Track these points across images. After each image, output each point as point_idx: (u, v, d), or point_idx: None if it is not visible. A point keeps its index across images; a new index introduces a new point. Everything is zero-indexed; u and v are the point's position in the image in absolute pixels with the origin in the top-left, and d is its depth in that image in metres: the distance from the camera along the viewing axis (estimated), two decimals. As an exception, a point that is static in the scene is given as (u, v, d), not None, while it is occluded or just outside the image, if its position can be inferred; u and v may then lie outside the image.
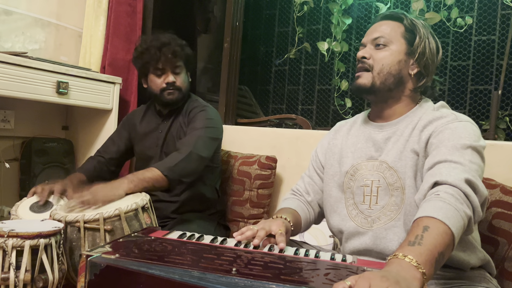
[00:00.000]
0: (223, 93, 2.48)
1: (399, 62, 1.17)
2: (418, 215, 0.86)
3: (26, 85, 1.82)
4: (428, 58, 1.18)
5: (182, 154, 1.57)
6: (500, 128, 2.15)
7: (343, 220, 1.21)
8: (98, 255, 0.82)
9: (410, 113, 1.19)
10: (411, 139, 1.12)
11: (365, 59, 1.19)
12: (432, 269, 0.75)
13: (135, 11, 2.46)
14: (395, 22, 1.21)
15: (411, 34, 1.18)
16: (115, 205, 1.26)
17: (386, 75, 1.17)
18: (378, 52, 1.19)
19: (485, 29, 2.26)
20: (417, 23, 1.19)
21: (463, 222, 0.86)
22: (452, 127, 1.06)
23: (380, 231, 1.13)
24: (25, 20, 2.22)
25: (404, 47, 1.18)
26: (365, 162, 1.20)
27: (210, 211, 1.85)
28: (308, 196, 1.33)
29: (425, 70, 1.18)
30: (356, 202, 1.19)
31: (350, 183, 1.21)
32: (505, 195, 1.35)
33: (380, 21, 1.23)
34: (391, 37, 1.19)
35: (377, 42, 1.19)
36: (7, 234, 1.00)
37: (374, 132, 1.22)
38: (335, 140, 1.32)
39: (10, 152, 2.19)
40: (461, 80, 2.35)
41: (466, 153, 0.99)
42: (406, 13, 1.22)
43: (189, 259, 0.85)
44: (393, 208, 1.12)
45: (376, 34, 1.20)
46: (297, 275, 0.81)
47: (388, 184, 1.13)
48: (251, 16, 3.04)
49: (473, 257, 1.10)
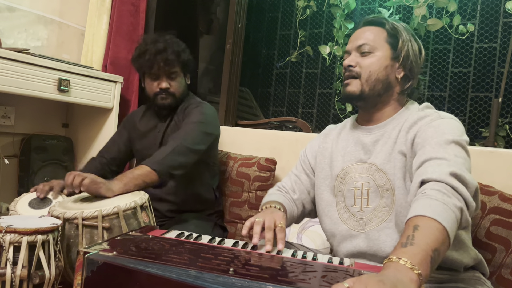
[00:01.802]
0: (224, 94, 2.48)
1: (385, 67, 1.18)
2: (408, 216, 0.86)
3: (27, 81, 1.82)
4: (412, 61, 1.19)
5: (169, 147, 1.56)
6: (500, 135, 2.15)
7: (335, 224, 1.22)
8: (96, 252, 0.82)
9: (396, 115, 1.20)
10: (398, 141, 1.13)
11: (351, 67, 1.20)
12: (428, 268, 0.75)
13: (138, 10, 2.46)
14: (378, 28, 1.22)
15: (394, 39, 1.19)
16: (114, 203, 1.26)
17: (374, 82, 1.18)
18: (364, 59, 1.19)
19: (486, 37, 2.27)
20: (398, 26, 1.20)
21: (454, 215, 0.85)
22: (435, 124, 1.07)
23: (372, 233, 1.14)
24: (28, 17, 2.23)
25: (389, 52, 1.19)
26: (355, 165, 1.21)
27: (208, 212, 1.85)
28: (294, 194, 1.34)
29: (411, 72, 1.20)
30: (347, 205, 1.20)
31: (341, 186, 1.22)
32: (504, 202, 1.36)
33: (363, 27, 1.24)
34: (375, 43, 1.19)
35: (362, 50, 1.20)
36: (5, 230, 1.00)
37: (362, 136, 1.23)
38: (325, 143, 1.33)
39: (9, 148, 2.18)
40: (461, 87, 2.35)
41: (449, 148, 1.00)
42: (387, 18, 1.23)
43: (187, 258, 0.85)
44: (384, 210, 1.13)
45: (360, 41, 1.21)
46: (294, 276, 0.81)
47: (378, 186, 1.14)
48: (254, 18, 3.04)
49: (466, 256, 1.11)
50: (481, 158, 1.57)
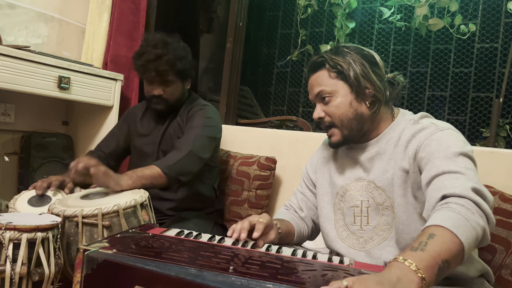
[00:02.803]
0: (225, 93, 2.48)
1: (350, 104, 1.15)
2: (426, 225, 0.85)
3: (27, 79, 1.82)
4: (366, 83, 1.14)
5: (181, 153, 1.57)
6: (501, 136, 2.15)
7: (333, 242, 1.22)
8: (96, 250, 0.82)
9: (388, 130, 1.18)
10: (396, 157, 1.12)
11: (321, 119, 1.19)
12: (433, 276, 0.74)
13: (138, 8, 2.46)
14: (322, 70, 1.18)
15: (341, 73, 1.15)
16: (114, 201, 1.26)
17: (348, 123, 1.16)
18: (328, 106, 1.17)
19: (488, 37, 2.26)
20: (336, 59, 1.15)
21: (475, 232, 0.83)
22: (437, 137, 1.05)
23: (374, 251, 1.13)
24: (28, 14, 2.22)
25: (346, 87, 1.15)
26: (354, 183, 1.20)
27: (208, 210, 1.85)
28: (301, 212, 1.34)
29: (373, 95, 1.15)
30: (347, 223, 1.20)
31: (341, 204, 1.22)
32: (504, 203, 1.35)
33: (312, 75, 1.21)
34: (330, 86, 1.16)
35: (322, 96, 1.17)
36: (5, 227, 1.00)
37: (358, 153, 1.21)
38: (324, 159, 1.32)
39: (9, 145, 2.18)
40: (462, 87, 2.35)
41: (459, 160, 0.99)
42: (324, 55, 1.18)
43: (186, 256, 0.85)
44: (385, 228, 1.13)
45: (316, 90, 1.18)
46: (294, 275, 0.81)
47: (377, 204, 1.14)
48: (255, 17, 3.04)
49: (472, 269, 1.09)
50: (482, 159, 1.56)
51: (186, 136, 1.66)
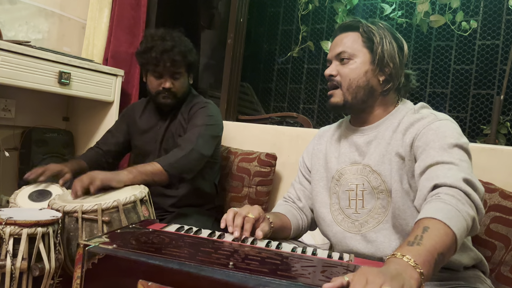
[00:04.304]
0: (225, 89, 2.47)
1: (365, 73, 1.16)
2: (419, 217, 0.86)
3: (28, 74, 1.81)
4: (388, 61, 1.15)
5: (183, 150, 1.57)
6: (501, 133, 2.15)
7: (329, 226, 1.22)
8: (96, 245, 0.82)
9: (389, 116, 1.19)
10: (394, 143, 1.12)
11: (332, 76, 1.19)
12: (430, 270, 0.75)
13: (139, 4, 2.45)
14: (354, 33, 1.19)
15: (370, 42, 1.16)
16: (114, 197, 1.26)
17: (356, 89, 1.17)
18: (344, 67, 1.18)
19: (489, 34, 2.26)
20: (372, 28, 1.17)
21: (465, 223, 0.85)
22: (434, 127, 1.06)
23: (370, 235, 1.14)
24: (29, 9, 2.22)
25: (368, 56, 1.17)
26: (349, 167, 1.20)
27: (208, 206, 1.85)
28: (299, 202, 1.34)
29: (390, 74, 1.17)
30: (342, 206, 1.20)
31: (336, 188, 1.22)
32: (504, 200, 1.36)
33: (340, 34, 1.21)
34: (354, 49, 1.17)
35: (341, 57, 1.18)
36: (5, 222, 1.00)
37: (356, 137, 1.22)
38: (320, 145, 1.33)
39: (10, 141, 2.18)
40: (463, 84, 2.35)
41: (453, 152, 1.00)
42: (361, 20, 1.20)
43: (186, 252, 0.85)
44: (380, 211, 1.13)
45: (339, 49, 1.19)
46: (294, 271, 0.81)
47: (372, 188, 1.14)
48: (256, 13, 3.03)
49: (465, 257, 1.11)
50: (482, 156, 1.56)
51: (188, 134, 1.66)
